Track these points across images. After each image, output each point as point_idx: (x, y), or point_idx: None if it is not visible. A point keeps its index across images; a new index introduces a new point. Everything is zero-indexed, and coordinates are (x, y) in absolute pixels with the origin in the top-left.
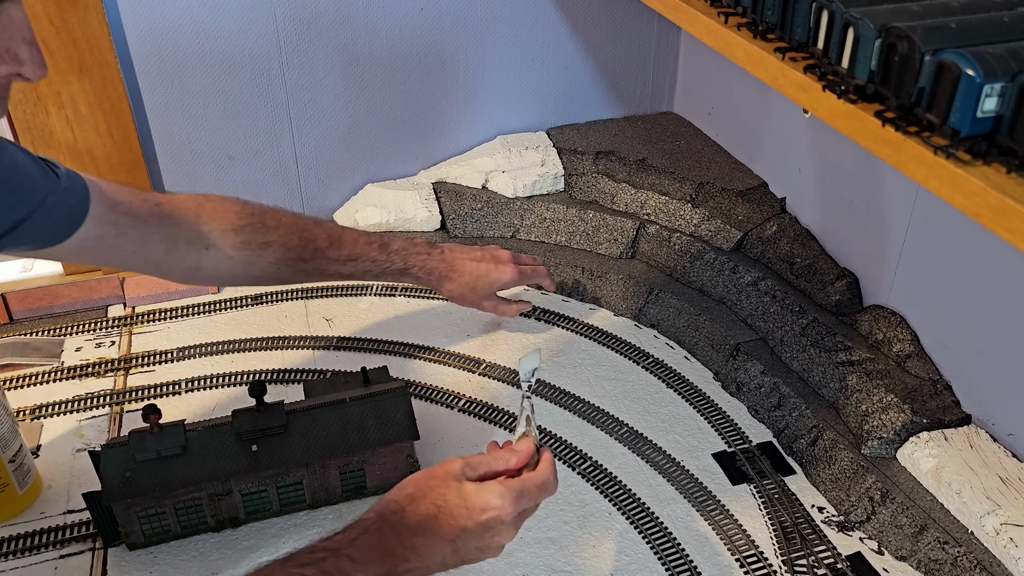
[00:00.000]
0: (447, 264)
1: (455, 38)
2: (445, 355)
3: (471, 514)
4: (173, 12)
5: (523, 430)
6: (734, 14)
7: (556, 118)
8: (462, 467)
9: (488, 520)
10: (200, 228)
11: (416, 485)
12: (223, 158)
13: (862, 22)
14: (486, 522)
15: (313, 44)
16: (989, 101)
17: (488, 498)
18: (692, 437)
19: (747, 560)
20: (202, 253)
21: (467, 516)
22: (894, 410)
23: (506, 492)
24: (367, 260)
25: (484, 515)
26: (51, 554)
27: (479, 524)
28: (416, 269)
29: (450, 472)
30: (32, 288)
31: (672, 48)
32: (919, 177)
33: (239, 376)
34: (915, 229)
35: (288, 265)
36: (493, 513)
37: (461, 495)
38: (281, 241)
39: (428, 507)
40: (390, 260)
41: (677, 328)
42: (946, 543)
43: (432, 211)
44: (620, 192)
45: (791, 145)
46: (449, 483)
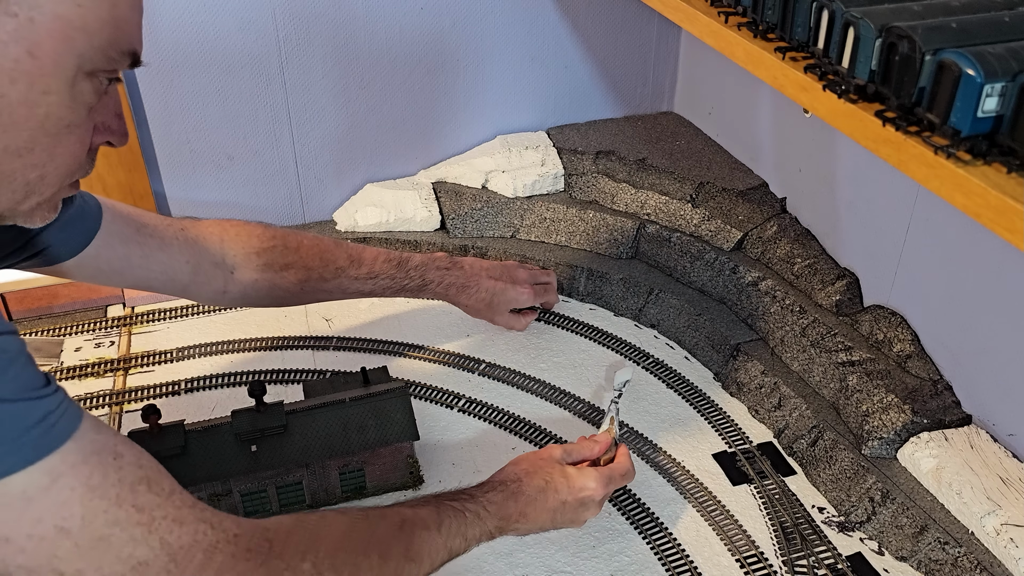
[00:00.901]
0: (465, 279)
1: (455, 38)
2: (445, 355)
3: (572, 491)
4: (172, 12)
5: (606, 427)
6: (734, 14)
7: (556, 118)
8: (562, 453)
9: (584, 497)
10: (224, 251)
11: (530, 463)
12: (223, 158)
13: (862, 22)
14: (582, 499)
15: (313, 44)
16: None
17: (586, 481)
18: (692, 437)
19: (747, 560)
20: (228, 276)
21: (568, 492)
22: (894, 410)
23: (599, 476)
24: (386, 278)
25: (582, 493)
26: None
27: (577, 500)
28: (434, 285)
29: (553, 456)
30: (31, 288)
31: (672, 48)
32: (919, 177)
33: (239, 376)
34: (915, 229)
35: (310, 284)
36: (589, 492)
37: (565, 475)
38: (303, 262)
39: (539, 482)
40: (408, 277)
41: (677, 328)
42: (946, 543)
43: (432, 211)
44: (620, 192)
45: (791, 145)
46: (554, 465)
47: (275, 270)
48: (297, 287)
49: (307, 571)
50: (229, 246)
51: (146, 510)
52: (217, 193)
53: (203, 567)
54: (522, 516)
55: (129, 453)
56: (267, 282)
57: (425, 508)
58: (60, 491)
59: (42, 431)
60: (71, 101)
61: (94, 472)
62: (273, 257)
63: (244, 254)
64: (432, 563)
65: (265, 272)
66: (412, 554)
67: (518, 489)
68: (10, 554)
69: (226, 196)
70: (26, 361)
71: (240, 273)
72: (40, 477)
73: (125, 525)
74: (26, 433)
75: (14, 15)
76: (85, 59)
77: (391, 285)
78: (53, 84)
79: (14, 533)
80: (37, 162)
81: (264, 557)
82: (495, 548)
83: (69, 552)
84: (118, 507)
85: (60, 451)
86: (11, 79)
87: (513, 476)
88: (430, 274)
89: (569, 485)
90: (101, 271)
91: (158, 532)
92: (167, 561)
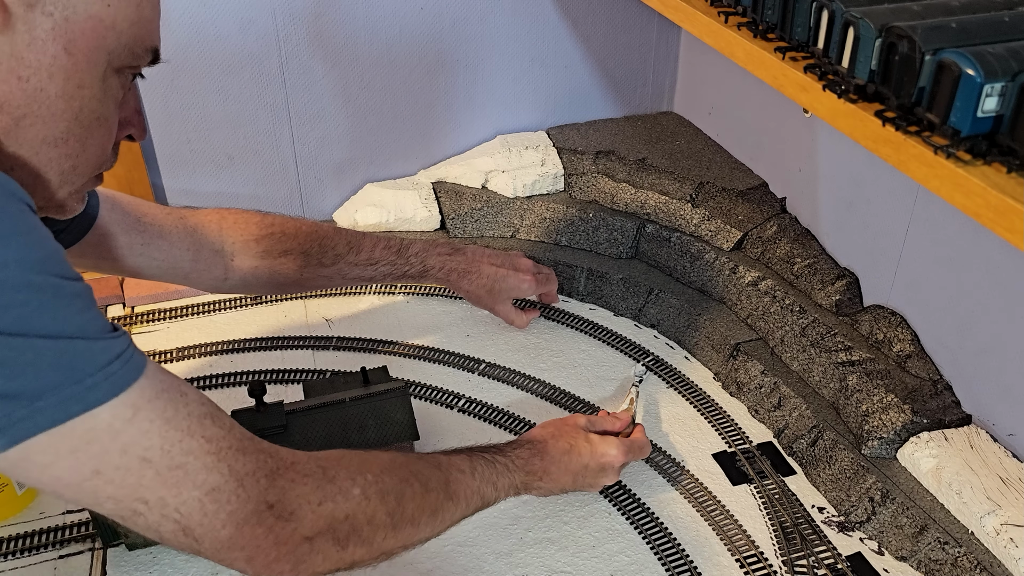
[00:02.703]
0: (467, 264)
1: (455, 38)
2: (445, 355)
3: (594, 456)
4: (173, 11)
5: (626, 406)
6: (734, 14)
7: (556, 118)
8: (586, 422)
9: (604, 463)
10: (223, 239)
11: (556, 427)
12: (223, 158)
13: (862, 22)
14: (603, 464)
15: (313, 44)
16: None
17: (607, 448)
18: (692, 437)
19: (747, 560)
20: (227, 263)
21: (591, 456)
22: (894, 410)
23: (620, 444)
24: (386, 264)
25: (603, 458)
26: (50, 554)
27: (598, 465)
28: (436, 270)
29: (578, 423)
30: None
31: (672, 48)
32: (919, 177)
33: (239, 376)
34: (915, 229)
35: (310, 271)
36: (609, 459)
37: (588, 441)
38: (301, 249)
39: (564, 444)
40: (408, 263)
41: (677, 328)
42: (946, 543)
43: (432, 211)
44: (620, 192)
45: (791, 145)
46: (579, 431)
47: (274, 256)
48: (296, 273)
49: (357, 495)
50: (228, 233)
51: (214, 440)
52: (217, 193)
53: (266, 490)
54: (546, 474)
55: (192, 392)
56: (266, 268)
57: (459, 456)
58: (141, 423)
59: (120, 366)
60: (102, 95)
61: (167, 406)
62: (272, 244)
63: (243, 241)
64: (467, 505)
65: (264, 259)
66: (450, 492)
67: (543, 449)
68: (101, 486)
69: (226, 196)
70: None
71: (239, 260)
72: (124, 410)
73: (198, 454)
74: (107, 367)
75: (50, 15)
76: (114, 55)
77: (391, 271)
78: (87, 79)
79: (104, 465)
80: (71, 152)
81: (319, 481)
82: (495, 548)
83: (152, 480)
84: (191, 438)
85: (136, 385)
86: (50, 74)
87: (540, 437)
88: (431, 259)
89: (592, 450)
90: (103, 259)
91: (226, 460)
92: (236, 486)
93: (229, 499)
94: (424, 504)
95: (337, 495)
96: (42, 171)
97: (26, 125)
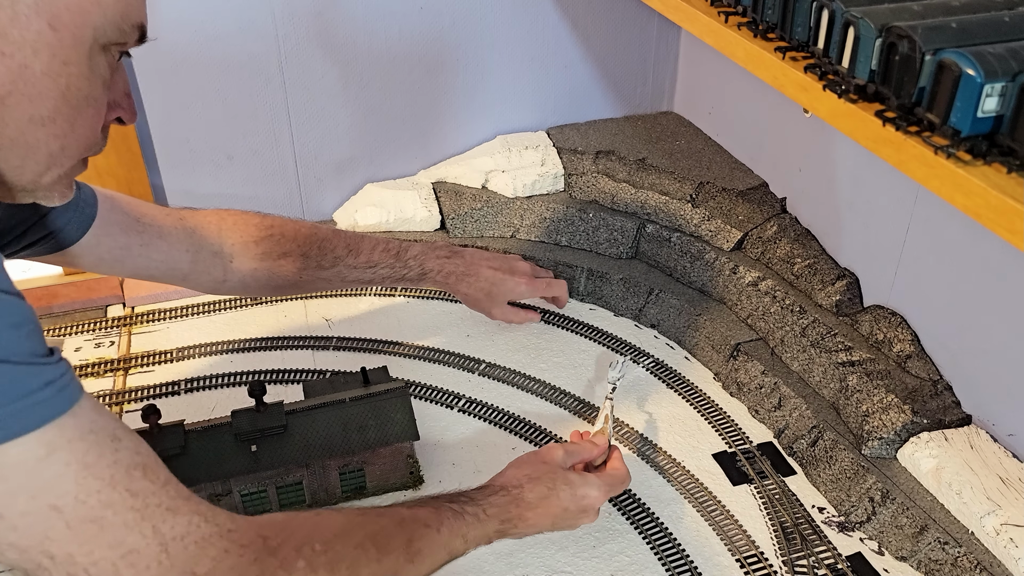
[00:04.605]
0: (465, 267)
1: (455, 38)
2: (445, 355)
3: (574, 499)
4: (172, 11)
5: (600, 425)
6: (734, 13)
7: (556, 118)
8: (563, 455)
9: (586, 505)
10: (223, 240)
11: (532, 467)
12: (222, 158)
13: (862, 21)
14: (584, 507)
15: (312, 43)
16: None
17: (588, 489)
18: (692, 437)
19: (747, 560)
20: (226, 265)
21: (571, 499)
22: (894, 410)
23: (602, 485)
24: (385, 267)
25: (584, 501)
26: None
27: (578, 508)
28: (434, 273)
29: (555, 459)
30: (31, 288)
31: (672, 48)
32: (919, 177)
33: (239, 376)
34: (915, 229)
35: (308, 273)
36: (590, 500)
37: (568, 483)
38: (300, 251)
39: (542, 489)
40: (407, 266)
41: (677, 328)
42: (946, 543)
43: (432, 211)
44: (620, 192)
45: (791, 145)
46: (557, 471)
47: (273, 259)
48: (295, 275)
49: (302, 568)
50: (227, 235)
51: (140, 495)
52: (217, 193)
53: (195, 560)
54: (522, 520)
55: (127, 438)
56: (265, 271)
57: (424, 508)
58: (55, 464)
59: (41, 399)
60: (90, 73)
61: (90, 450)
62: (271, 246)
63: (242, 243)
64: (432, 563)
65: (263, 261)
66: (411, 552)
67: (519, 495)
68: (3, 531)
69: (225, 196)
70: (33, 328)
71: (238, 262)
72: (37, 448)
73: (118, 509)
74: (28, 396)
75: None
76: (100, 32)
77: (390, 274)
78: (73, 56)
79: (7, 509)
80: (59, 132)
81: (258, 553)
82: (495, 548)
83: (61, 533)
84: (112, 488)
85: (57, 423)
86: (34, 50)
87: (515, 481)
88: (429, 263)
89: (572, 492)
90: (102, 260)
91: (151, 520)
92: (158, 551)
93: (149, 565)
94: (381, 571)
95: (278, 570)
96: (30, 152)
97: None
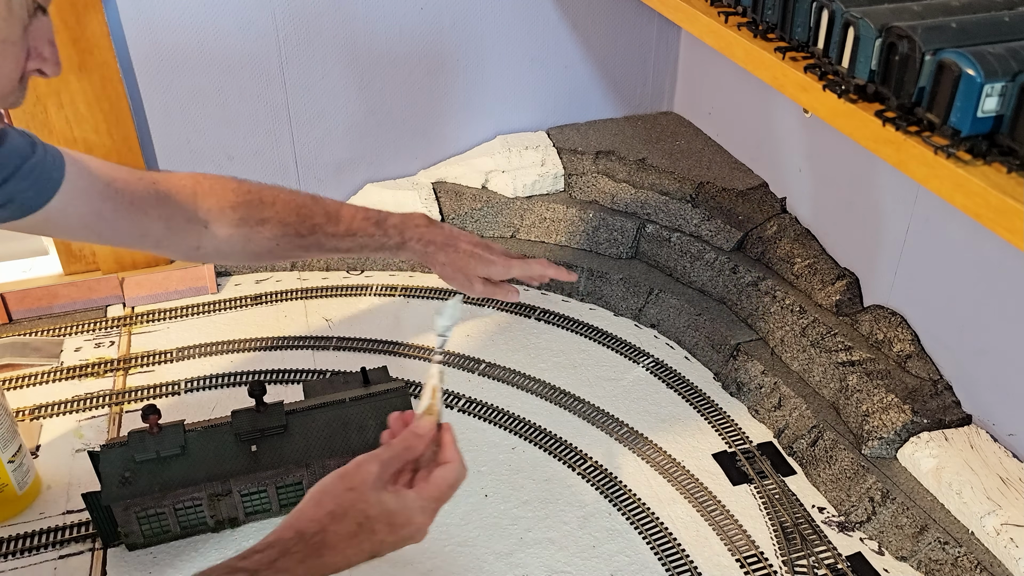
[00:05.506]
0: (444, 238)
1: (455, 38)
2: (445, 355)
3: (393, 529)
4: (172, 12)
5: (427, 403)
6: (734, 14)
7: (556, 118)
8: (378, 473)
9: (409, 532)
10: (197, 206)
11: (336, 501)
12: (223, 158)
13: (862, 22)
14: (406, 534)
15: (313, 44)
16: (989, 101)
17: (411, 515)
18: (692, 437)
19: (747, 560)
20: (201, 231)
21: (389, 531)
22: (894, 410)
23: (427, 506)
24: (364, 235)
25: (405, 531)
26: (50, 554)
27: (400, 537)
28: (414, 242)
29: (367, 481)
30: (31, 288)
31: (672, 48)
32: (919, 177)
33: (239, 376)
34: (915, 229)
35: (286, 240)
36: (414, 528)
37: (383, 510)
38: (278, 217)
39: (350, 526)
40: (387, 235)
41: (677, 328)
42: (946, 543)
43: (432, 211)
44: (620, 192)
45: (791, 145)
46: (368, 496)
47: (250, 225)
48: (272, 243)
49: None
50: (203, 200)
51: None
52: None
53: None
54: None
55: None
56: (242, 237)
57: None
58: None
59: None
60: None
61: None
62: (248, 212)
63: (219, 208)
64: None
65: (240, 227)
66: None
67: (320, 542)
68: None
69: None
70: None
71: (214, 228)
72: None
73: None
74: None
75: None
76: None
77: (369, 243)
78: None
79: None
80: None
81: None
82: (495, 548)
83: None
84: None
85: None
86: None
87: (313, 527)
88: (409, 231)
89: (390, 522)
90: (71, 227)
91: None
92: None
93: None
94: None
95: None
96: None
97: None
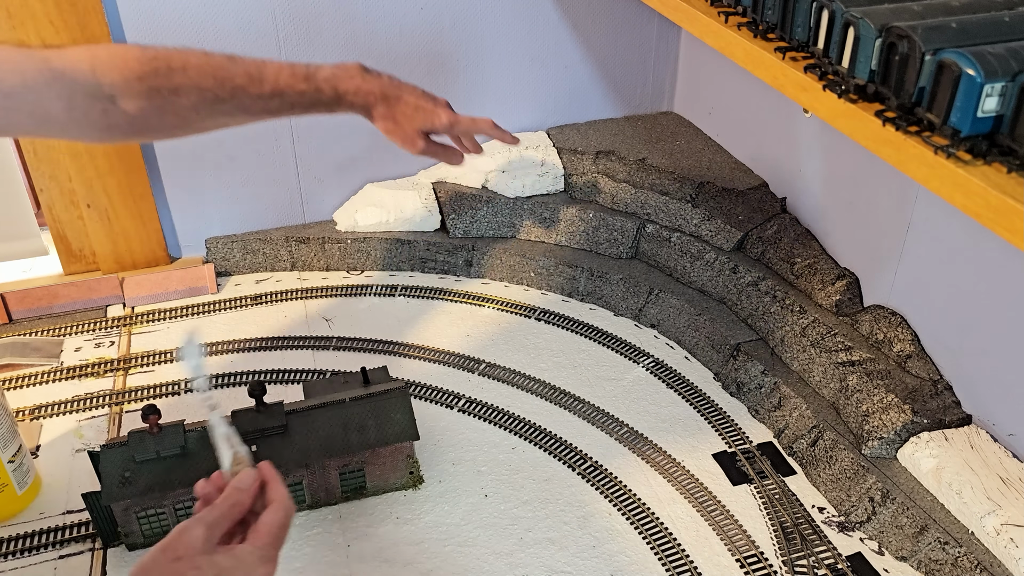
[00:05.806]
0: (383, 88)
1: (455, 38)
2: (445, 355)
3: None
4: (172, 12)
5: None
6: (734, 14)
7: (556, 118)
8: (205, 536)
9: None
10: (99, 79)
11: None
12: (223, 158)
13: (862, 22)
14: None
15: (313, 44)
16: (989, 101)
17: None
18: (692, 437)
19: (747, 560)
20: (108, 107)
21: None
22: (894, 410)
23: (265, 554)
24: (293, 93)
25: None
26: (50, 554)
27: None
28: (351, 95)
29: (194, 546)
30: (31, 288)
31: (672, 48)
32: (919, 177)
33: (239, 376)
34: (915, 229)
35: (206, 107)
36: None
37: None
38: (193, 83)
39: None
40: (320, 91)
41: (677, 328)
42: (947, 543)
43: (432, 211)
44: (620, 192)
45: (791, 145)
46: (199, 562)
47: (163, 96)
48: (191, 111)
49: None
50: (103, 72)
51: None
52: (217, 193)
53: None
54: None
55: None
56: (156, 109)
57: None
58: None
59: None
60: None
61: None
62: (158, 81)
63: (123, 80)
64: None
65: (152, 98)
66: None
67: None
68: None
69: (226, 196)
70: None
71: (123, 102)
72: None
73: None
74: None
75: None
76: None
77: (300, 101)
78: None
79: None
80: None
81: None
82: (495, 548)
83: None
84: None
85: None
86: None
87: None
88: (344, 84)
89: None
90: None
91: None
92: None
93: None
94: None
95: None
96: None
97: None
